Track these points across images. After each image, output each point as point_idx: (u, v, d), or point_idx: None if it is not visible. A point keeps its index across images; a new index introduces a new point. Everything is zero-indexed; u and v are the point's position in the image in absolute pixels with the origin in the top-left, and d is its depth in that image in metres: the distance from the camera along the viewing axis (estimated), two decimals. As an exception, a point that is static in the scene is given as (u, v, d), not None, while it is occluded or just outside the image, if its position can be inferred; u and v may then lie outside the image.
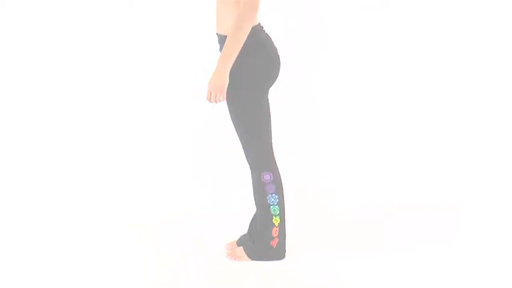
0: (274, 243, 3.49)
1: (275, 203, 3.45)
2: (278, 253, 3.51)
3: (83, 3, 4.44)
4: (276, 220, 3.46)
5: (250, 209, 3.56)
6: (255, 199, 3.47)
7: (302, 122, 4.61)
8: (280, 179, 3.44)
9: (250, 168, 3.44)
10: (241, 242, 3.61)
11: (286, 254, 3.53)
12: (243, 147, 3.41)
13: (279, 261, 3.50)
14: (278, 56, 3.35)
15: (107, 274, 3.36)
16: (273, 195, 3.44)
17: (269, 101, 3.42)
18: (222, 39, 3.28)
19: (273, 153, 3.44)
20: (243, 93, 3.29)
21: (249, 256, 3.53)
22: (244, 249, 3.54)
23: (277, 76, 3.39)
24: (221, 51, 3.29)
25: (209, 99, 3.25)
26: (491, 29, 4.60)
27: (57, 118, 4.53)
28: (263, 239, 3.49)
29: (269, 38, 3.35)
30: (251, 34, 3.23)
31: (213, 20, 3.47)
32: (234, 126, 3.39)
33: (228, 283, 3.31)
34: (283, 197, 3.48)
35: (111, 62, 4.48)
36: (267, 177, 3.41)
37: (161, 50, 4.50)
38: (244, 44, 3.20)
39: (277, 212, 3.46)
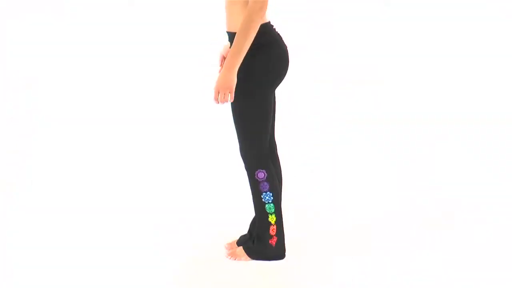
0: (273, 241, 3.48)
1: (270, 201, 3.43)
2: (278, 252, 3.50)
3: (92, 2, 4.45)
4: (272, 218, 3.45)
5: (250, 208, 3.56)
6: (252, 198, 3.46)
7: (305, 121, 4.60)
8: (275, 177, 3.43)
9: (245, 165, 3.43)
10: (241, 242, 3.61)
11: (286, 253, 3.52)
12: (240, 143, 3.40)
13: (279, 261, 3.49)
14: (288, 55, 3.35)
15: (106, 275, 3.36)
16: (267, 193, 3.42)
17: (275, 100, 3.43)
18: (232, 37, 3.29)
19: (268, 150, 3.42)
20: (252, 88, 3.27)
21: (249, 256, 3.52)
22: (244, 249, 3.53)
23: (285, 75, 3.38)
24: None
25: (217, 99, 3.22)
26: (491, 28, 4.58)
27: (57, 118, 4.55)
28: (262, 239, 3.48)
29: (280, 36, 3.36)
30: (265, 30, 3.25)
31: (222, 17, 3.44)
32: (234, 121, 3.37)
33: (228, 283, 3.31)
34: (280, 195, 3.48)
35: (114, 62, 4.49)
36: (260, 175, 3.40)
37: (169, 49, 4.50)
38: (257, 40, 3.19)
39: (272, 210, 3.44)
